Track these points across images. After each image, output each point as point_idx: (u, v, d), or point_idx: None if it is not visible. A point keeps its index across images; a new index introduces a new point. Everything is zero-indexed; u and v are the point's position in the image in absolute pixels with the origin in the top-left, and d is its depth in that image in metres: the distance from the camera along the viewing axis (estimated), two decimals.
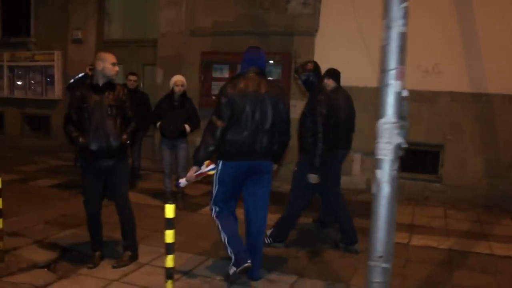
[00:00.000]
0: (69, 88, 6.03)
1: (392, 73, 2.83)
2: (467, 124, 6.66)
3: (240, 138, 3.57)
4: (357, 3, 6.98)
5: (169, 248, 3.11)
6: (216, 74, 7.96)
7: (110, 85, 3.93)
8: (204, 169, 3.63)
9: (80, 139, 3.80)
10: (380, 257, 2.82)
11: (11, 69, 10.02)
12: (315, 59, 7.30)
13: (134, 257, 4.06)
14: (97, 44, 9.22)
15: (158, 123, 5.73)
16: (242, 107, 3.55)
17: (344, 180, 7.27)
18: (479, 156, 6.66)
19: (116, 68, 3.96)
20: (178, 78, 5.77)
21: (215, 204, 3.75)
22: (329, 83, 5.16)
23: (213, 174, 3.67)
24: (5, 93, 10.13)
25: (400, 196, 7.00)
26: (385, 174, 2.81)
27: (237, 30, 7.81)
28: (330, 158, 4.49)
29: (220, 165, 3.66)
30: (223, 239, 3.68)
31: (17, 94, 10.05)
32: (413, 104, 7.11)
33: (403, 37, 2.82)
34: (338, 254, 4.48)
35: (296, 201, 4.58)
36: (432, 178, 6.99)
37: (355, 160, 7.37)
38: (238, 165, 3.62)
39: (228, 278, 3.70)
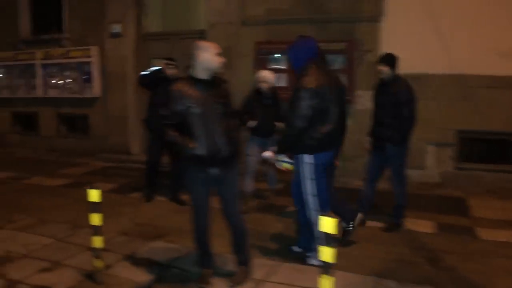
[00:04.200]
0: (142, 81, 5.48)
1: None
2: None
3: (328, 132, 3.63)
4: None
5: (328, 268, 2.67)
6: (272, 65, 7.45)
7: (211, 79, 3.39)
8: (282, 158, 3.76)
9: (190, 145, 3.32)
10: None
11: (44, 67, 9.45)
12: (382, 46, 6.86)
13: (248, 273, 3.62)
14: (136, 38, 8.72)
15: (251, 122, 5.23)
16: (320, 102, 3.55)
17: (416, 174, 6.87)
18: None
19: (221, 59, 3.42)
20: (266, 74, 5.33)
21: (314, 197, 3.72)
22: (384, 70, 4.64)
23: (284, 168, 3.82)
24: (39, 92, 9.59)
25: (480, 189, 6.60)
26: None
27: (293, 17, 7.30)
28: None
29: (311, 159, 3.66)
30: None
31: (52, 93, 9.48)
32: (492, 90, 6.64)
33: None
34: (458, 258, 4.04)
35: None
36: None
37: (428, 152, 6.90)
38: (326, 155, 3.71)
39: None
